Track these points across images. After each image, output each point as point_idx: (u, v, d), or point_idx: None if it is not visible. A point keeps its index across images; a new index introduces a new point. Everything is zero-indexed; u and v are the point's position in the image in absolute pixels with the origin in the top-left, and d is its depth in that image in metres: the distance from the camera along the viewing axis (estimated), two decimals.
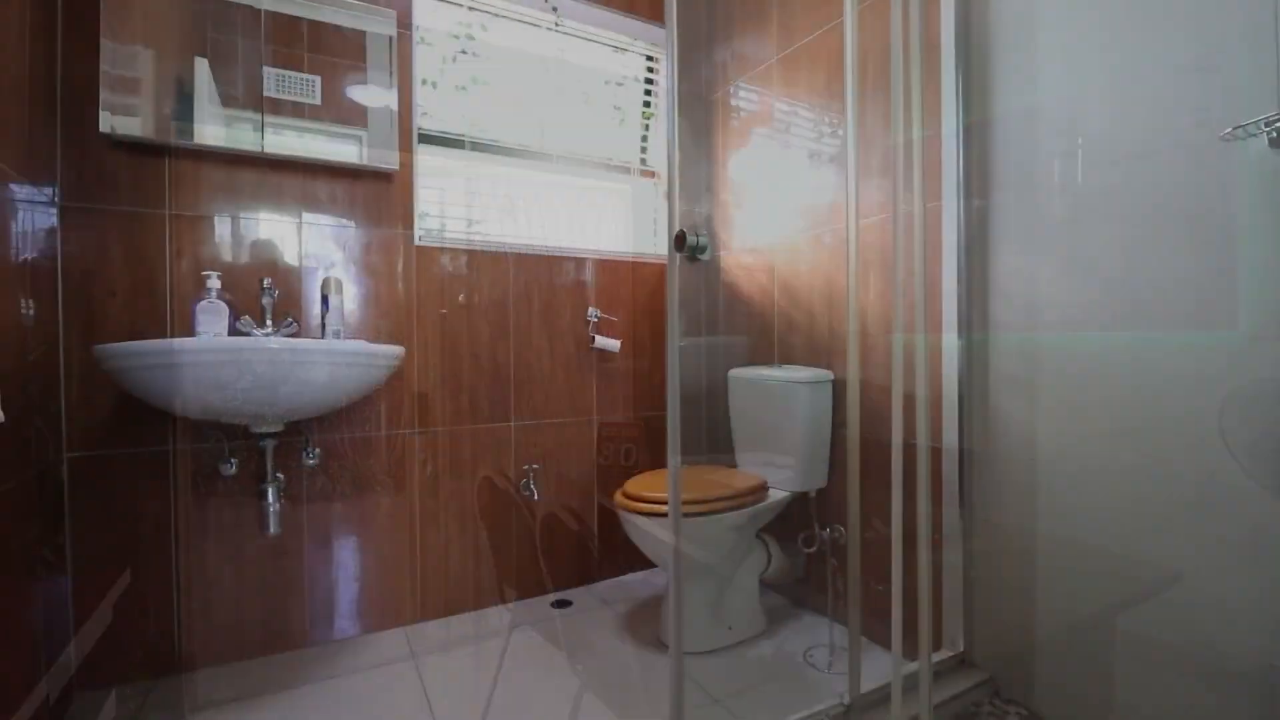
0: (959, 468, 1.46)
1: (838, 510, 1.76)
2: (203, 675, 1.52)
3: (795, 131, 1.94)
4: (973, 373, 1.46)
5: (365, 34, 1.69)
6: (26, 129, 1.23)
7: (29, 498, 1.20)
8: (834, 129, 1.79)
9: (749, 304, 2.10)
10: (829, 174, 1.80)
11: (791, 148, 1.95)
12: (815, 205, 1.84)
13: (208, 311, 1.41)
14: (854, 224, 1.23)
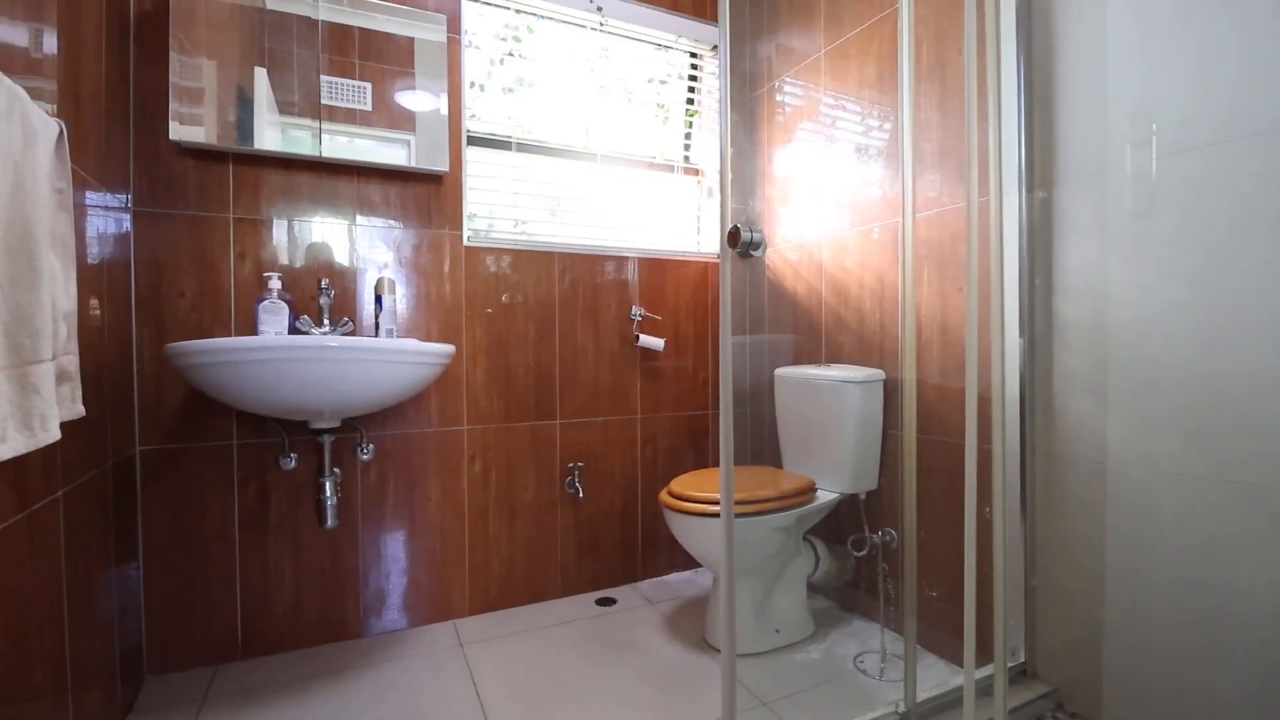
0: (1020, 471, 1.41)
1: (889, 513, 1.72)
2: (262, 663, 1.58)
3: (842, 126, 1.90)
4: (1035, 372, 1.41)
5: (414, 40, 1.73)
6: (103, 138, 1.29)
7: (106, 488, 1.26)
8: (882, 122, 1.75)
9: (795, 302, 2.06)
10: (878, 168, 1.76)
11: (838, 142, 1.91)
12: (863, 200, 1.80)
13: (269, 311, 1.46)
14: (910, 219, 1.19)
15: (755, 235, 0.90)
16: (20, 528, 0.87)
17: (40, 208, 0.78)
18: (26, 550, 0.89)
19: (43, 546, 0.94)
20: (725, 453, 0.86)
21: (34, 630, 0.91)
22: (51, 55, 1.02)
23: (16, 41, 0.89)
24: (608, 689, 1.46)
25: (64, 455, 1.03)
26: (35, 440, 0.73)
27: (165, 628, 1.51)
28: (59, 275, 0.85)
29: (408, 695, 1.43)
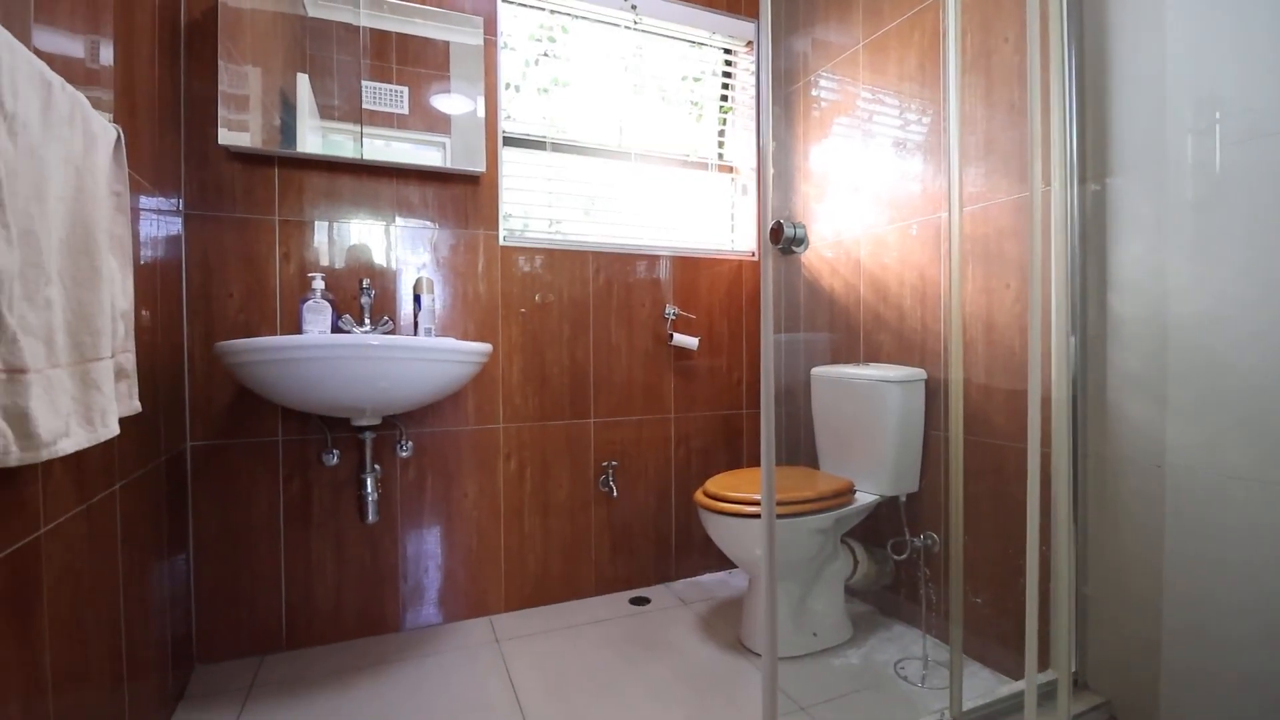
0: (1072, 474, 1.36)
1: (931, 516, 1.68)
2: (306, 654, 1.62)
3: (880, 120, 1.86)
4: (1088, 371, 1.35)
5: (449, 44, 1.75)
6: (156, 144, 1.34)
7: (159, 482, 1.30)
8: (923, 115, 1.71)
9: (831, 300, 2.03)
10: (918, 162, 1.72)
11: (876, 137, 1.87)
12: (903, 196, 1.76)
13: (313, 310, 1.49)
14: (957, 214, 1.15)
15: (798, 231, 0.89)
16: (81, 519, 0.91)
17: (100, 210, 0.81)
18: (86, 541, 0.92)
19: (101, 538, 0.98)
20: (767, 453, 0.85)
21: (93, 619, 0.94)
22: (108, 66, 1.05)
23: (76, 53, 0.93)
24: (643, 689, 1.45)
25: (121, 450, 1.07)
26: (96, 435, 0.75)
27: (214, 618, 1.56)
28: (117, 276, 0.88)
29: (446, 689, 1.45)
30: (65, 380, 0.70)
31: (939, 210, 1.66)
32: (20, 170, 0.63)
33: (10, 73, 0.61)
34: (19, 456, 0.60)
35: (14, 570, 0.73)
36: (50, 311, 0.68)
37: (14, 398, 0.60)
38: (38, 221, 0.66)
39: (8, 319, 0.59)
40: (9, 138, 0.61)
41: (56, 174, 0.71)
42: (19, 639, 0.73)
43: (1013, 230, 1.48)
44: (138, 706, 1.12)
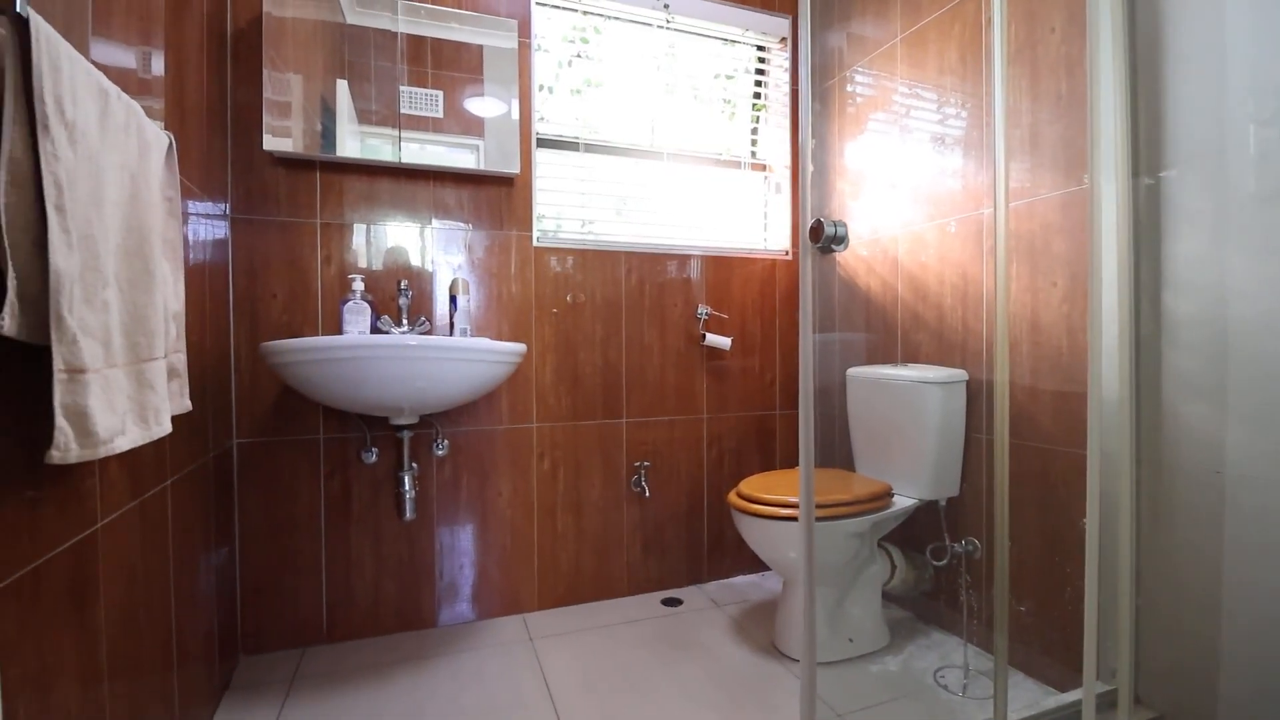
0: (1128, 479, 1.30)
1: (972, 521, 1.63)
2: (345, 647, 1.65)
3: (918, 115, 1.82)
4: (1140, 373, 1.30)
5: (483, 48, 1.76)
6: (205, 150, 1.38)
7: (207, 478, 1.35)
8: (964, 110, 1.66)
9: (868, 299, 1.99)
10: (958, 158, 1.67)
11: (914, 132, 1.83)
12: (943, 192, 1.71)
13: (353, 311, 1.52)
14: (1003, 210, 1.12)
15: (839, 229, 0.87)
16: (135, 514, 0.94)
17: (154, 215, 0.84)
18: (139, 535, 0.96)
19: (153, 532, 1.01)
20: (805, 455, 0.83)
21: (145, 610, 0.98)
22: (159, 76, 1.09)
23: (130, 64, 0.96)
24: (677, 690, 1.44)
25: (172, 447, 1.11)
26: (150, 433, 0.78)
27: (258, 610, 1.61)
28: (169, 278, 0.91)
29: (481, 686, 1.46)
30: (121, 380, 0.73)
31: (981, 206, 1.62)
32: (80, 177, 0.65)
33: (70, 82, 0.64)
34: (78, 453, 0.63)
35: (73, 562, 0.76)
36: (108, 313, 0.71)
37: (74, 396, 0.62)
38: (96, 226, 0.69)
39: (68, 320, 0.62)
40: (69, 145, 0.64)
41: (113, 180, 0.74)
42: (78, 628, 0.76)
43: (1060, 226, 1.43)
44: (186, 695, 1.16)
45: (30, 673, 0.66)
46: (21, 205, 0.59)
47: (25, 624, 0.65)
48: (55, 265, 0.60)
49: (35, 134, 0.59)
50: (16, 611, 0.64)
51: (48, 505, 0.70)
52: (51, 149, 0.60)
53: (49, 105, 0.59)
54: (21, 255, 0.59)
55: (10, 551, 0.63)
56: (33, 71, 0.58)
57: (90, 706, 0.79)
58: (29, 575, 0.66)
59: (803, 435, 0.84)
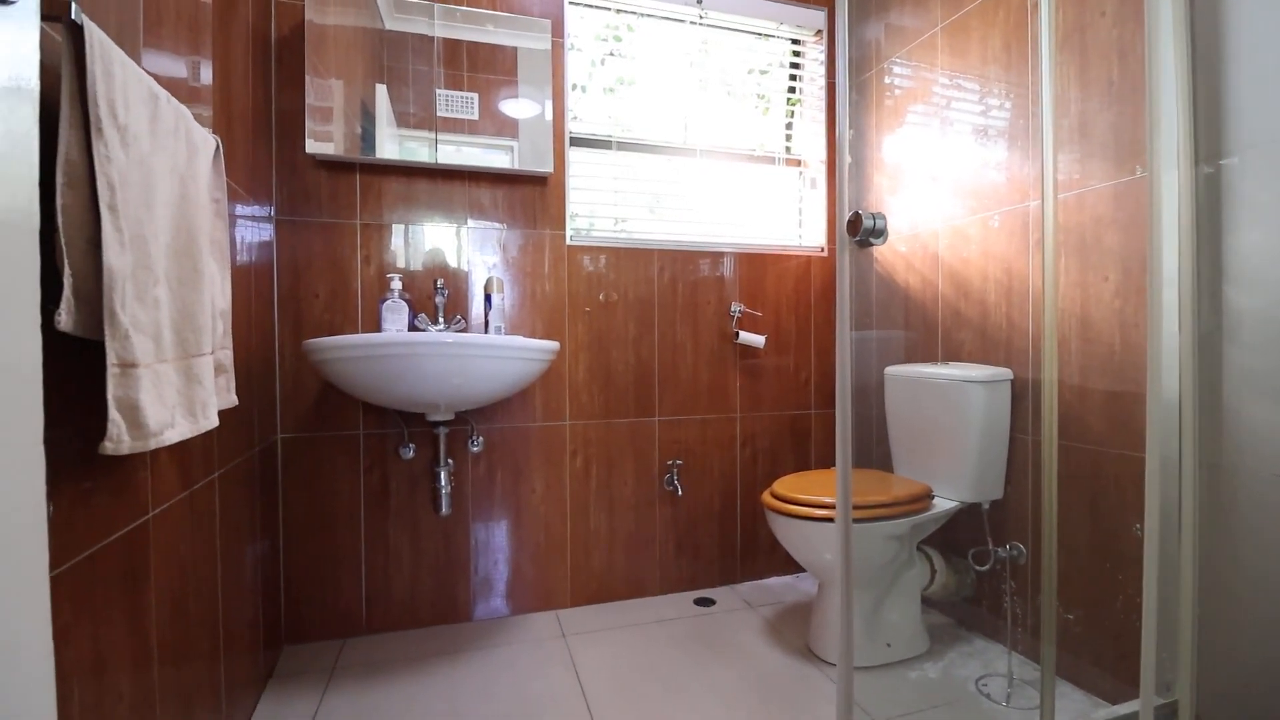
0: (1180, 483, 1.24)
1: (1017, 525, 1.58)
2: (384, 638, 1.68)
3: (960, 106, 1.76)
4: (1200, 371, 1.23)
5: (517, 50, 1.78)
6: (250, 154, 1.43)
7: (253, 471, 1.39)
8: (1008, 100, 1.61)
9: (907, 296, 1.94)
10: (1002, 150, 1.62)
11: (955, 124, 1.78)
12: (987, 185, 1.66)
13: (391, 310, 1.55)
14: (1051, 202, 1.08)
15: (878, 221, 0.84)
16: (184, 504, 0.97)
17: (201, 215, 0.87)
18: (189, 525, 0.99)
19: (201, 522, 1.05)
20: (842, 455, 0.81)
21: (193, 598, 1.01)
22: (207, 84, 1.13)
23: (180, 72, 0.99)
24: (710, 691, 1.43)
25: (219, 441, 1.15)
26: (198, 426, 0.81)
27: (300, 601, 1.65)
28: (216, 277, 0.94)
29: (515, 681, 1.48)
30: (171, 374, 0.75)
31: (1027, 199, 1.56)
32: (131, 179, 0.68)
33: (123, 87, 0.66)
34: (130, 445, 0.65)
35: (126, 550, 0.79)
36: (158, 310, 0.73)
37: (126, 390, 0.65)
38: (146, 226, 0.71)
39: (120, 316, 0.64)
40: (122, 148, 0.66)
41: (163, 182, 0.77)
42: (129, 614, 0.79)
43: (1112, 218, 1.37)
44: (233, 682, 1.20)
45: (85, 657, 0.69)
46: (77, 206, 0.61)
47: (80, 609, 0.68)
48: (109, 263, 0.63)
49: (90, 137, 0.61)
50: (71, 598, 0.67)
51: (102, 495, 0.73)
52: (105, 151, 0.62)
53: (102, 109, 0.62)
54: (77, 254, 0.61)
55: (66, 538, 0.66)
56: (86, 76, 0.60)
57: (141, 691, 0.82)
58: (84, 562, 0.69)
59: (839, 434, 0.82)
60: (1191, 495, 1.01)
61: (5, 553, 0.46)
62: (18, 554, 0.48)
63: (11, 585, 0.47)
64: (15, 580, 0.47)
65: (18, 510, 0.47)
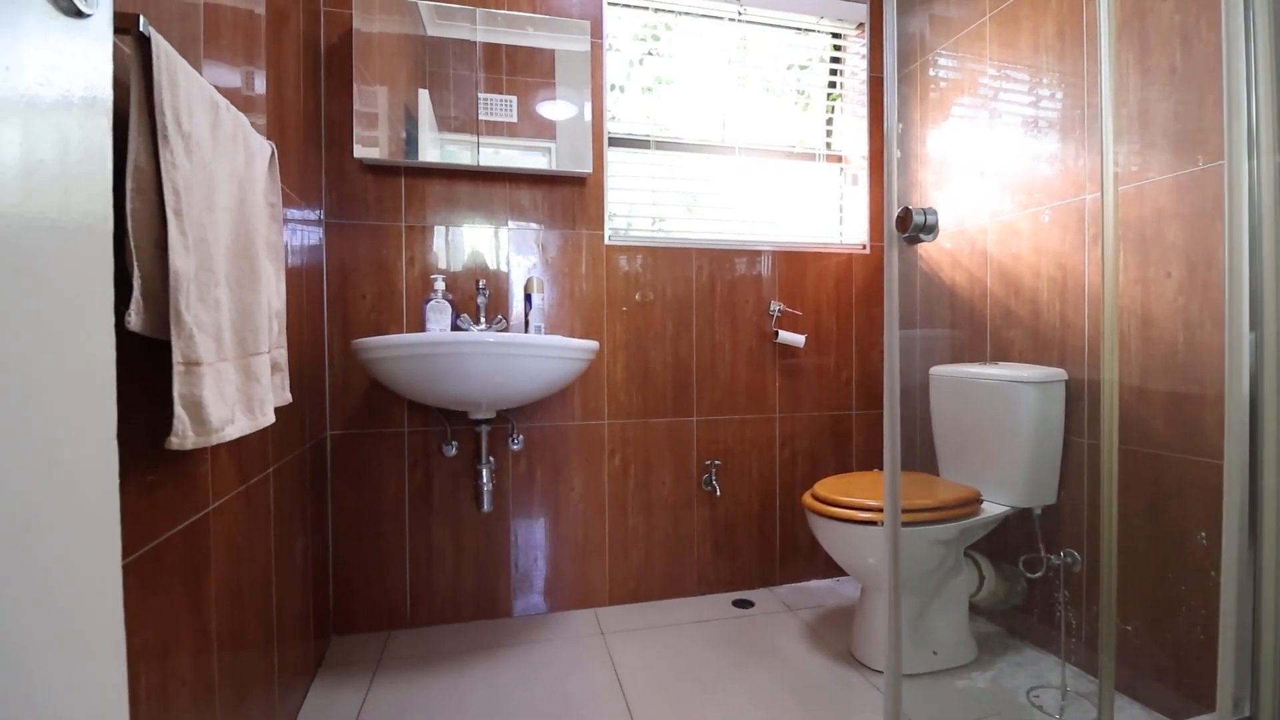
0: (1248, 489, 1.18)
1: (1071, 532, 1.52)
2: (427, 632, 1.72)
3: (1008, 97, 1.71)
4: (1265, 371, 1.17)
5: (555, 52, 1.79)
6: (302, 160, 1.47)
7: (304, 466, 1.43)
8: (1061, 90, 1.55)
9: (953, 294, 1.89)
10: (1053, 141, 1.56)
11: (1004, 116, 1.72)
12: (1039, 179, 1.60)
13: (435, 310, 1.58)
14: (1112, 195, 1.03)
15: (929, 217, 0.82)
16: (241, 498, 1.01)
17: (258, 219, 0.90)
18: (245, 518, 1.03)
19: (257, 515, 1.09)
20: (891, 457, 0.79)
21: (249, 588, 1.05)
22: (261, 93, 1.17)
23: (235, 83, 1.03)
24: (750, 695, 1.42)
25: (274, 437, 1.19)
26: (256, 423, 0.84)
27: (348, 593, 1.70)
28: (272, 278, 0.98)
29: (555, 677, 1.49)
30: (231, 372, 0.78)
31: (1082, 192, 1.50)
32: (195, 184, 0.71)
33: (186, 96, 0.69)
34: (194, 440, 0.68)
35: (188, 541, 0.82)
36: (219, 311, 0.76)
37: (190, 387, 0.68)
38: (209, 230, 0.74)
39: (185, 316, 0.67)
40: (186, 155, 0.69)
41: (223, 187, 0.80)
42: (192, 602, 0.83)
43: (1174, 211, 1.31)
44: (285, 670, 1.24)
45: (151, 643, 0.72)
46: (146, 211, 0.64)
47: (147, 597, 0.71)
48: (174, 266, 0.65)
49: (157, 145, 0.64)
50: (140, 585, 0.70)
51: (166, 488, 0.76)
52: (170, 158, 0.65)
53: (168, 117, 0.64)
54: (145, 257, 0.64)
55: (135, 529, 0.69)
56: (154, 86, 0.63)
57: (202, 677, 0.85)
58: (150, 552, 0.72)
59: (888, 436, 0.80)
60: (1275, 502, 0.95)
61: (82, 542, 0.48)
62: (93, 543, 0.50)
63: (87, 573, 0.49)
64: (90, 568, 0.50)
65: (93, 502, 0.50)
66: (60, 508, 0.46)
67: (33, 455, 0.42)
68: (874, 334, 2.12)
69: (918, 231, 0.81)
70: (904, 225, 0.83)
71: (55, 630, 0.45)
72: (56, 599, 0.45)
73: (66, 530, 0.47)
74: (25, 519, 0.42)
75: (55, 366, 0.45)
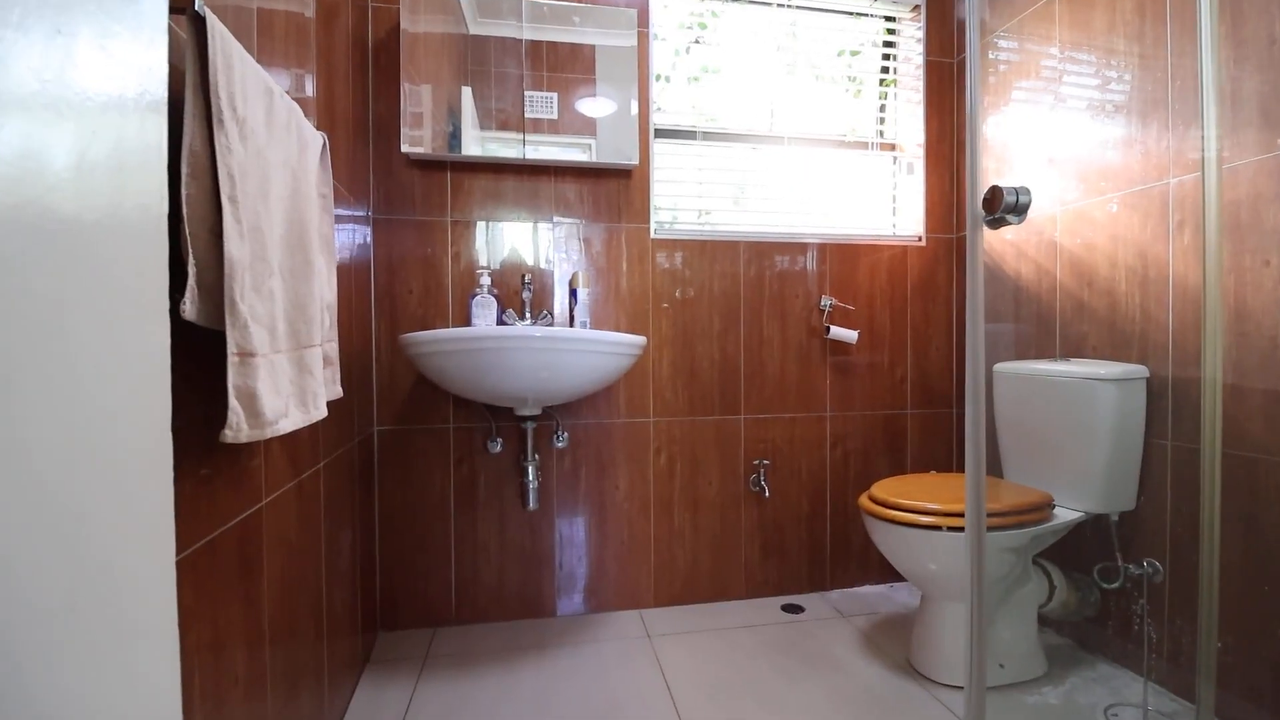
0: None
1: (1152, 540, 1.42)
2: (472, 629, 1.71)
3: (1077, 79, 1.61)
4: None
5: (595, 47, 1.75)
6: (350, 157, 1.47)
7: (353, 461, 1.43)
8: (1134, 68, 1.44)
9: (1017, 287, 1.79)
10: (1129, 124, 1.45)
11: (1066, 100, 1.63)
12: (1114, 163, 1.49)
13: (481, 305, 1.56)
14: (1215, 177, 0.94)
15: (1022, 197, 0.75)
16: (293, 493, 1.00)
17: (311, 209, 0.89)
18: (296, 512, 1.02)
19: (309, 509, 1.08)
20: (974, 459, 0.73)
21: (300, 583, 1.04)
22: (311, 91, 1.16)
23: (285, 81, 1.02)
24: (805, 706, 1.36)
25: (324, 431, 1.18)
26: (309, 416, 0.82)
27: (395, 589, 1.70)
28: (324, 270, 0.96)
29: (603, 680, 1.46)
30: (285, 365, 0.76)
31: (1165, 176, 1.40)
32: (250, 171, 0.69)
33: (241, 81, 0.67)
34: (248, 433, 0.66)
35: (242, 535, 0.81)
36: (273, 301, 0.74)
37: (245, 379, 0.66)
38: (263, 219, 0.73)
39: (240, 306, 0.65)
40: (240, 141, 0.67)
41: (277, 175, 0.78)
42: (245, 597, 0.82)
43: (1275, 194, 1.20)
44: (335, 665, 1.24)
45: (205, 639, 0.71)
46: (200, 197, 0.62)
47: (201, 593, 0.70)
48: (230, 254, 0.64)
49: (211, 129, 0.63)
50: (194, 581, 0.68)
51: (220, 482, 0.75)
52: (225, 143, 0.63)
53: (223, 101, 0.63)
54: (200, 244, 0.62)
55: (189, 525, 0.68)
56: (209, 68, 0.61)
57: (254, 672, 0.84)
58: (205, 547, 0.71)
59: (970, 436, 0.74)
60: None
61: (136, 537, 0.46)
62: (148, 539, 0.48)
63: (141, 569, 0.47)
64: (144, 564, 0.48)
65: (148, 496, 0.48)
66: (115, 502, 0.44)
67: (88, 448, 0.40)
68: (930, 330, 2.03)
69: (1007, 212, 0.75)
70: (993, 205, 0.76)
71: (111, 626, 0.43)
72: (112, 595, 0.44)
73: (122, 525, 0.45)
74: (80, 513, 0.40)
75: (110, 357, 0.43)
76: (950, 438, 2.05)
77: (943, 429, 2.04)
